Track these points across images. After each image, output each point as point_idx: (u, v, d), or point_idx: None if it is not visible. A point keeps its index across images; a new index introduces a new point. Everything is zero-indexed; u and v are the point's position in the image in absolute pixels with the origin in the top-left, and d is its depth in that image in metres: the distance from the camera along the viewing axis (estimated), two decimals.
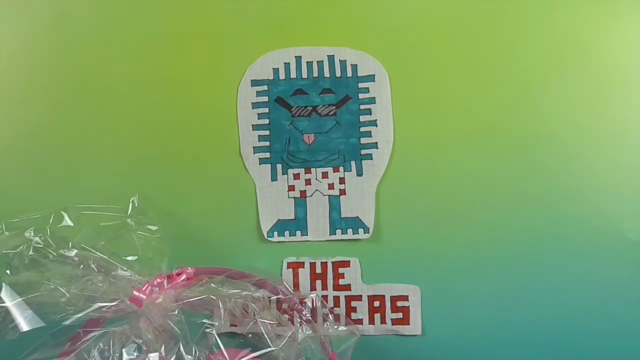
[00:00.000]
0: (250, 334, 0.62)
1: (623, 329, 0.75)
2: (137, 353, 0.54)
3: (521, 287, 0.77)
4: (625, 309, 0.75)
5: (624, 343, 0.75)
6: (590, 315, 0.76)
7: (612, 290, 0.75)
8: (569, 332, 0.76)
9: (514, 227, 0.77)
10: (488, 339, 0.77)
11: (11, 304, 0.56)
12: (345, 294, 0.79)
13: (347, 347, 0.66)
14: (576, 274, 0.76)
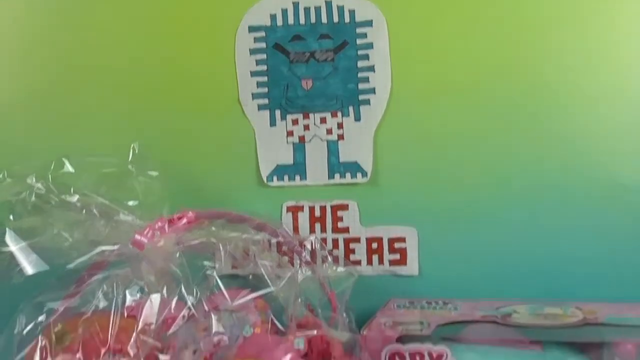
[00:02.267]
0: (251, 276, 0.61)
1: (614, 271, 0.75)
2: (139, 294, 0.54)
3: (516, 228, 0.77)
4: (618, 252, 0.75)
5: (614, 283, 0.75)
6: (582, 254, 0.75)
7: (604, 233, 0.75)
8: (562, 273, 0.76)
9: (509, 171, 0.77)
10: (483, 279, 0.77)
11: (16, 249, 0.55)
12: (343, 236, 0.79)
13: (345, 287, 0.66)
14: (568, 216, 0.76)
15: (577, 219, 0.76)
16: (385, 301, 0.76)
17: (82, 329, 0.53)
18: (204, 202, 0.75)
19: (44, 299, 0.56)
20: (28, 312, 0.56)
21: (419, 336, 0.64)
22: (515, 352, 0.63)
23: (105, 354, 0.51)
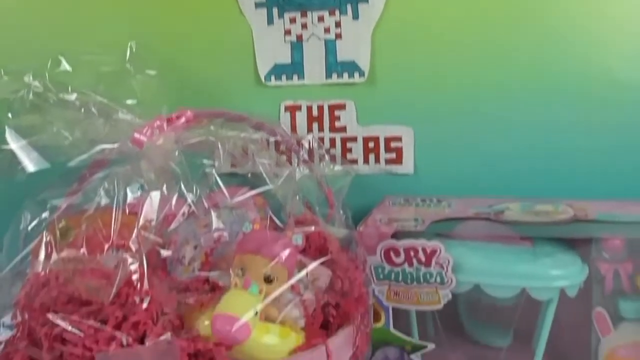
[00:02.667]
0: (250, 174, 0.61)
1: (606, 169, 0.75)
2: (140, 192, 0.54)
3: (511, 128, 0.76)
4: (611, 151, 0.75)
5: (606, 182, 0.75)
6: (576, 152, 0.75)
7: (598, 131, 0.74)
8: (555, 171, 0.76)
9: (506, 70, 0.75)
10: (477, 177, 0.77)
11: (16, 146, 0.55)
12: (340, 136, 0.79)
13: (342, 185, 0.66)
14: (563, 115, 0.75)
15: (572, 117, 0.75)
16: (380, 199, 0.76)
17: (86, 225, 0.53)
18: (202, 101, 0.74)
19: (47, 196, 0.57)
20: (32, 209, 0.56)
21: (414, 232, 0.64)
22: (507, 248, 0.64)
23: (109, 249, 0.51)
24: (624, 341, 0.62)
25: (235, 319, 0.48)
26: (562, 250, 0.63)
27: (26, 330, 0.51)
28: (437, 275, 0.64)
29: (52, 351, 0.48)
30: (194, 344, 0.47)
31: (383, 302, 0.66)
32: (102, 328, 0.47)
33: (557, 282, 0.62)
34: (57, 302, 0.50)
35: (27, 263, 0.54)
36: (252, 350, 0.49)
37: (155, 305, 0.49)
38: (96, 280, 0.50)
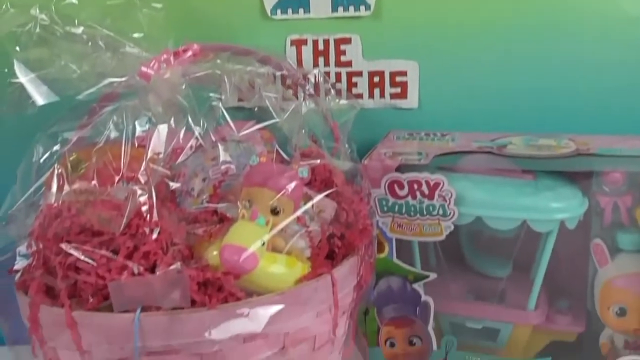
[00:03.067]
0: (256, 108, 0.61)
1: (609, 104, 0.74)
2: (148, 125, 0.53)
3: (516, 64, 0.75)
4: (614, 86, 0.73)
5: (609, 117, 0.74)
6: (580, 88, 0.74)
7: (602, 67, 0.73)
8: (559, 107, 0.75)
9: (513, 5, 0.73)
10: (481, 112, 0.76)
11: (25, 80, 0.54)
12: (346, 70, 0.77)
13: (347, 119, 0.65)
14: (568, 51, 0.73)
15: (577, 53, 0.73)
16: (385, 133, 0.76)
17: (96, 158, 0.53)
18: (209, 35, 0.72)
19: (58, 129, 0.56)
20: (44, 141, 0.56)
21: (417, 166, 0.64)
22: (508, 181, 0.64)
23: (119, 181, 0.52)
24: (621, 272, 0.62)
25: (243, 249, 0.48)
26: (564, 183, 0.62)
27: (41, 259, 0.51)
28: (440, 207, 0.64)
29: (66, 279, 0.48)
30: (203, 273, 0.48)
31: (387, 234, 0.66)
32: (114, 258, 0.48)
33: (558, 214, 0.62)
34: (70, 233, 0.50)
35: (40, 195, 0.54)
36: (260, 279, 0.49)
37: (165, 236, 0.49)
38: (107, 211, 0.50)
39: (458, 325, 0.68)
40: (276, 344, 0.50)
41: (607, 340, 0.64)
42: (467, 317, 0.68)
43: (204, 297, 0.47)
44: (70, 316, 0.47)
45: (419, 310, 0.68)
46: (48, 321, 0.49)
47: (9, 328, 0.54)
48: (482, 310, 0.68)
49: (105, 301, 0.47)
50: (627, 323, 0.63)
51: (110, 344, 0.47)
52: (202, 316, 0.47)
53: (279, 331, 0.50)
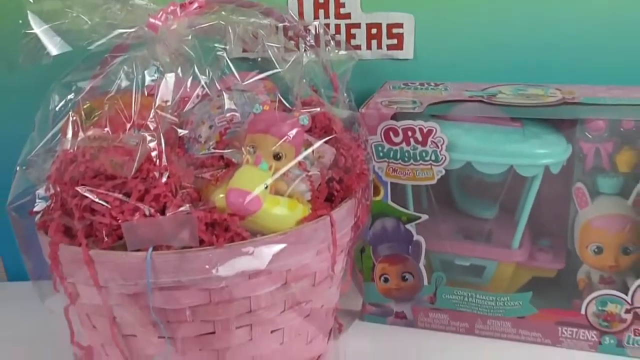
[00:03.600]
0: (259, 58, 0.59)
1: (594, 56, 0.72)
2: (157, 75, 0.52)
3: (508, 15, 0.73)
4: (598, 39, 0.72)
5: (594, 68, 0.72)
6: (566, 41, 0.72)
7: (588, 20, 0.71)
8: (547, 58, 0.73)
9: None
10: (474, 64, 0.75)
11: (39, 31, 0.52)
12: (345, 22, 0.75)
13: (346, 69, 0.64)
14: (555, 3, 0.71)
15: (566, 9, 0.71)
16: (382, 83, 0.74)
17: (108, 106, 0.52)
18: None
19: (72, 79, 0.55)
20: (59, 90, 0.55)
21: (412, 114, 0.63)
22: (497, 129, 0.63)
23: (130, 128, 0.51)
24: (599, 213, 0.62)
25: (248, 193, 0.48)
26: (549, 131, 0.62)
27: (59, 201, 0.51)
28: (432, 153, 0.63)
29: (82, 220, 0.48)
30: (211, 215, 0.47)
31: (382, 178, 0.66)
32: (127, 200, 0.47)
33: (543, 160, 0.62)
34: (85, 177, 0.49)
35: (56, 141, 0.53)
36: (263, 221, 0.49)
37: (174, 180, 0.49)
38: (119, 156, 0.49)
39: (447, 262, 0.69)
40: (279, 280, 0.50)
41: (584, 276, 0.64)
42: (455, 255, 0.68)
43: (211, 236, 0.47)
44: (87, 254, 0.47)
45: (411, 249, 0.68)
46: (67, 259, 0.49)
47: (32, 265, 0.54)
48: (470, 248, 0.68)
49: (119, 240, 0.47)
50: (603, 260, 0.63)
51: (124, 280, 0.47)
52: (210, 254, 0.47)
53: (282, 268, 0.50)
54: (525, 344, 0.68)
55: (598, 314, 0.65)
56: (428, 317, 0.70)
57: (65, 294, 0.51)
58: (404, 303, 0.71)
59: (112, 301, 0.49)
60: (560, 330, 0.66)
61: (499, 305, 0.67)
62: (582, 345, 0.66)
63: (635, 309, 0.63)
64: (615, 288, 0.63)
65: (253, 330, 0.51)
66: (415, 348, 0.68)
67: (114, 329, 0.50)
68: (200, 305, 0.49)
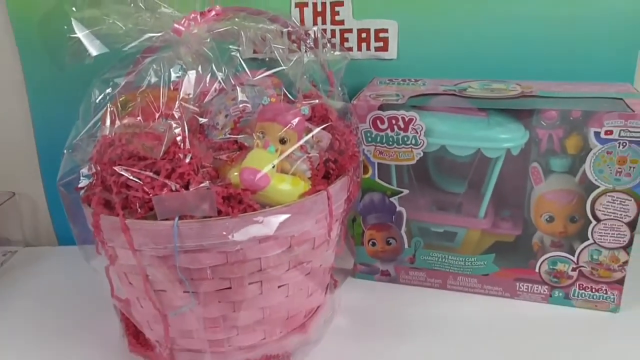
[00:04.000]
0: (267, 58, 0.58)
1: (549, 55, 0.71)
2: (181, 72, 0.51)
3: (476, 22, 0.71)
4: (553, 39, 0.71)
5: (548, 66, 0.71)
6: (526, 40, 0.71)
7: (544, 22, 0.70)
8: (508, 56, 0.72)
9: None
10: (447, 62, 0.73)
11: (82, 35, 0.52)
12: (339, 28, 0.74)
13: (340, 67, 0.63)
14: (523, 8, 0.70)
15: (529, 11, 0.70)
16: (370, 79, 0.73)
17: (140, 99, 0.52)
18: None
19: (110, 76, 0.55)
20: (99, 86, 0.54)
21: (395, 105, 0.62)
22: (467, 118, 0.62)
23: (159, 118, 0.50)
24: (551, 188, 0.62)
25: (258, 171, 0.48)
26: (510, 120, 0.61)
27: (99, 179, 0.51)
28: (413, 138, 0.63)
29: (119, 195, 0.48)
30: (227, 190, 0.47)
31: (370, 159, 0.65)
32: (156, 177, 0.47)
33: (505, 143, 0.61)
34: (121, 158, 0.49)
35: (97, 128, 0.53)
36: (271, 195, 0.49)
37: (196, 160, 0.49)
38: (150, 141, 0.49)
39: (424, 229, 0.68)
40: (284, 244, 0.50)
41: (538, 241, 0.64)
42: (431, 224, 0.68)
43: (227, 208, 0.47)
44: (124, 223, 0.47)
45: (394, 218, 0.68)
46: (107, 227, 0.49)
47: (78, 232, 0.54)
48: (443, 218, 0.68)
49: (151, 211, 0.47)
50: (554, 227, 0.63)
51: (155, 245, 0.47)
52: (227, 223, 0.46)
53: (287, 234, 0.50)
54: (489, 296, 0.68)
55: (549, 272, 0.65)
56: (408, 275, 0.70)
57: (106, 256, 0.51)
58: (388, 263, 0.71)
59: (145, 262, 0.49)
60: (517, 285, 0.66)
61: (467, 265, 0.67)
62: (536, 298, 0.66)
63: (580, 267, 0.63)
64: (564, 250, 0.63)
65: (263, 286, 0.51)
66: (398, 300, 0.68)
67: (147, 285, 0.50)
68: (219, 265, 0.48)
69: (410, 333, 0.62)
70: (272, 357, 0.56)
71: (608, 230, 0.61)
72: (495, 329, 0.62)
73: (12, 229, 0.86)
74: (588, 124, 0.57)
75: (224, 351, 0.54)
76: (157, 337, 0.55)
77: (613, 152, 0.57)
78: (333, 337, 0.61)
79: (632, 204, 0.59)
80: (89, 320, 0.66)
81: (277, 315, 0.54)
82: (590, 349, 0.58)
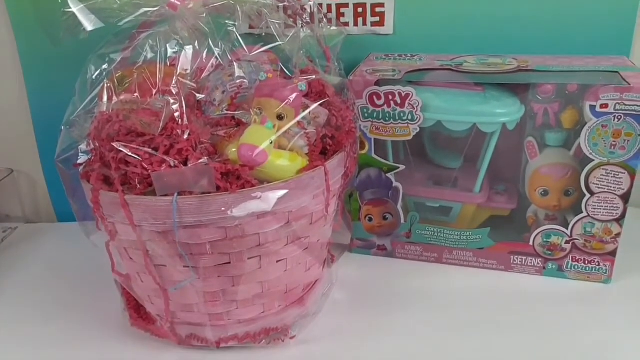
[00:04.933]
0: (264, 34, 0.57)
1: (544, 30, 0.71)
2: (177, 47, 0.51)
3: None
4: (546, 14, 0.70)
5: (544, 41, 0.71)
6: (520, 15, 0.71)
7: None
8: (504, 32, 0.71)
9: None
10: (444, 38, 0.73)
11: (76, 10, 0.51)
12: (335, 2, 0.73)
13: (336, 42, 0.62)
14: None
15: None
16: (367, 54, 0.73)
17: (137, 75, 0.51)
18: None
19: (106, 51, 0.54)
20: (95, 61, 0.53)
21: (392, 80, 0.62)
22: (463, 93, 0.62)
23: (156, 93, 0.50)
24: (546, 162, 0.62)
25: (256, 147, 0.47)
26: (507, 94, 0.61)
27: (98, 155, 0.51)
28: (409, 114, 0.63)
29: (118, 171, 0.48)
30: (225, 166, 0.47)
31: (367, 135, 0.65)
32: (155, 154, 0.47)
33: (501, 118, 0.61)
34: (120, 134, 0.49)
35: (94, 104, 0.52)
36: (269, 171, 0.49)
37: (194, 137, 0.48)
38: (147, 117, 0.48)
39: (420, 204, 0.69)
40: (282, 219, 0.51)
41: (533, 214, 0.65)
42: (427, 199, 0.68)
43: (226, 184, 0.47)
44: (124, 199, 0.47)
45: (390, 194, 0.68)
46: (107, 203, 0.49)
47: (77, 208, 0.54)
48: (439, 193, 0.68)
49: (150, 187, 0.47)
50: (548, 201, 0.63)
51: (155, 220, 0.47)
52: (225, 199, 0.47)
53: (285, 210, 0.50)
54: (484, 269, 0.69)
55: (543, 244, 0.65)
56: (405, 250, 0.71)
57: (106, 232, 0.51)
58: (385, 238, 0.71)
59: (145, 237, 0.49)
60: (512, 258, 0.67)
61: (463, 239, 0.68)
62: (530, 270, 0.67)
63: (573, 240, 0.64)
64: (558, 223, 0.64)
65: (262, 261, 0.52)
66: (394, 275, 0.68)
67: (147, 260, 0.50)
68: (218, 240, 0.49)
69: (406, 306, 0.62)
70: (272, 330, 0.56)
71: (602, 203, 0.61)
72: (490, 302, 0.63)
73: (12, 206, 0.86)
74: (584, 98, 0.57)
75: (224, 324, 0.54)
76: (158, 311, 0.55)
77: (608, 125, 0.58)
78: (331, 310, 0.61)
79: (625, 176, 0.59)
80: (90, 296, 0.66)
81: (275, 289, 0.55)
82: (583, 319, 0.59)
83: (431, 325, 0.59)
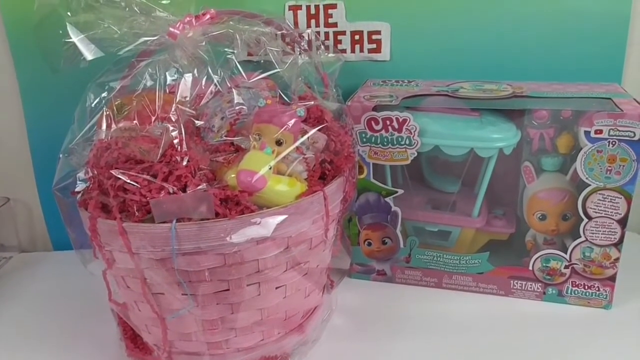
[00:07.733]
0: (262, 61, 0.58)
1: (539, 57, 0.72)
2: (176, 75, 0.51)
3: (467, 24, 0.72)
4: (542, 41, 0.71)
5: (538, 68, 0.72)
6: (516, 43, 0.72)
7: (535, 26, 0.70)
8: (499, 59, 0.72)
9: None
10: (439, 64, 0.74)
11: (77, 39, 0.51)
12: (333, 30, 0.74)
13: (334, 69, 0.63)
14: (512, 13, 0.70)
15: (514, 17, 0.70)
16: (364, 81, 0.74)
17: (136, 103, 0.51)
18: (223, 3, 0.68)
19: (105, 79, 0.54)
20: (94, 89, 0.54)
21: (389, 106, 0.63)
22: (459, 118, 0.62)
23: (155, 121, 0.50)
24: (543, 187, 0.62)
25: (255, 173, 0.47)
26: (503, 120, 0.61)
27: (96, 182, 0.50)
28: (407, 139, 0.63)
29: (117, 198, 0.47)
30: (224, 192, 0.47)
31: (365, 160, 0.65)
32: (153, 181, 0.47)
33: (497, 143, 0.62)
34: (118, 161, 0.49)
35: (93, 132, 0.52)
36: (268, 196, 0.49)
37: (193, 163, 0.48)
38: (146, 144, 0.48)
39: (419, 229, 0.69)
40: (282, 245, 0.50)
41: (531, 239, 0.65)
42: (426, 223, 0.68)
43: (225, 210, 0.47)
44: (122, 226, 0.46)
45: (389, 218, 0.68)
46: (104, 231, 0.48)
47: (75, 236, 0.53)
48: (438, 217, 0.68)
49: (148, 214, 0.46)
50: (547, 225, 0.63)
51: (153, 247, 0.47)
52: (224, 225, 0.46)
53: (284, 235, 0.50)
54: (484, 294, 0.68)
55: (542, 269, 0.65)
56: (404, 274, 0.70)
57: (103, 260, 0.51)
58: (384, 263, 0.71)
59: (143, 265, 0.48)
60: (512, 283, 0.67)
61: (462, 264, 0.68)
62: (530, 295, 0.66)
63: (572, 265, 0.64)
64: (557, 248, 0.64)
65: (261, 287, 0.51)
66: (394, 299, 0.68)
67: (144, 288, 0.49)
68: (217, 267, 0.48)
69: (406, 332, 0.62)
70: (271, 358, 0.56)
71: (599, 227, 0.61)
72: (491, 327, 0.62)
73: (7, 235, 0.85)
74: (578, 124, 0.58)
75: (223, 353, 0.53)
76: (155, 340, 0.54)
77: (603, 150, 0.58)
78: (330, 337, 0.61)
79: (622, 201, 0.59)
80: (86, 325, 0.65)
81: (275, 316, 0.54)
82: (584, 345, 0.59)
83: (431, 350, 0.58)
